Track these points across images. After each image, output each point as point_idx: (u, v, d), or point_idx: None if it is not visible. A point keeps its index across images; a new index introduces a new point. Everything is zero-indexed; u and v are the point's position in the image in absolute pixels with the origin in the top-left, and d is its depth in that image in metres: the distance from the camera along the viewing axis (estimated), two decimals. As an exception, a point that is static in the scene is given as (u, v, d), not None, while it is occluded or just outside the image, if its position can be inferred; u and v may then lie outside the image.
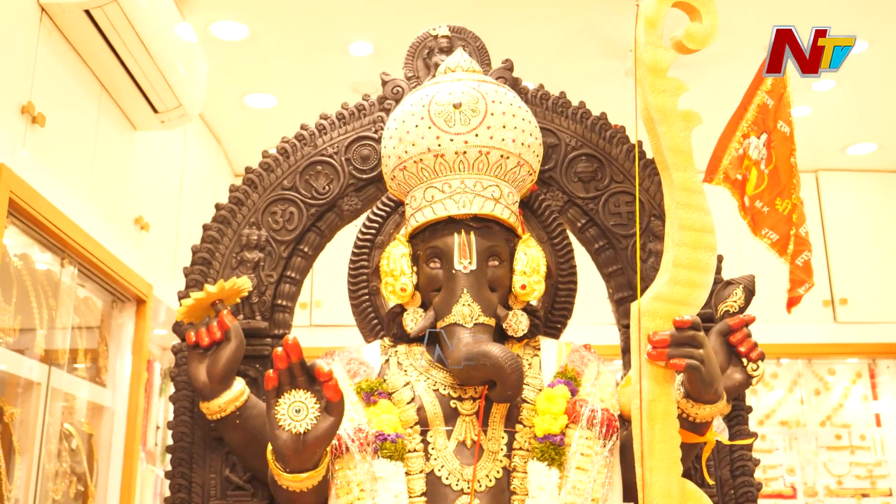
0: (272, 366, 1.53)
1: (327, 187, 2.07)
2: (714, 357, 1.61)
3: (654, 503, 1.50)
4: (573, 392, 1.76)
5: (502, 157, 1.83)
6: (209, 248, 2.03)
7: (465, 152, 1.81)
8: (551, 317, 2.05)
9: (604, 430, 1.70)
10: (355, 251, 2.06)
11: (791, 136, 2.45)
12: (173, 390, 1.97)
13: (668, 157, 1.68)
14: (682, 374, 1.61)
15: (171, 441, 1.95)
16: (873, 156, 5.68)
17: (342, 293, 2.09)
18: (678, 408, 1.61)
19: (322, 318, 5.17)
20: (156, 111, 3.68)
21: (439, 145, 1.81)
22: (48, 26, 3.00)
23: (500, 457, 1.74)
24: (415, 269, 1.88)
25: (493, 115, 1.83)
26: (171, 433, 1.95)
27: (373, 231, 2.07)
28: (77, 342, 3.19)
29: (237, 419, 1.77)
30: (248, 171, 2.09)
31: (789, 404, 5.18)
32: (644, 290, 1.63)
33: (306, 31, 4.38)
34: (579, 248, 2.09)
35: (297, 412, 1.52)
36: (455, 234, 1.81)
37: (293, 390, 1.53)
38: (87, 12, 3.05)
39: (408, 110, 1.88)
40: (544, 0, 4.19)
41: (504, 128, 1.83)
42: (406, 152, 1.85)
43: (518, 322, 1.84)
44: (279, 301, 2.03)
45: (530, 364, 1.85)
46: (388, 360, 1.86)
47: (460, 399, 1.78)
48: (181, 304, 1.85)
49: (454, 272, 1.79)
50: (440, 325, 1.78)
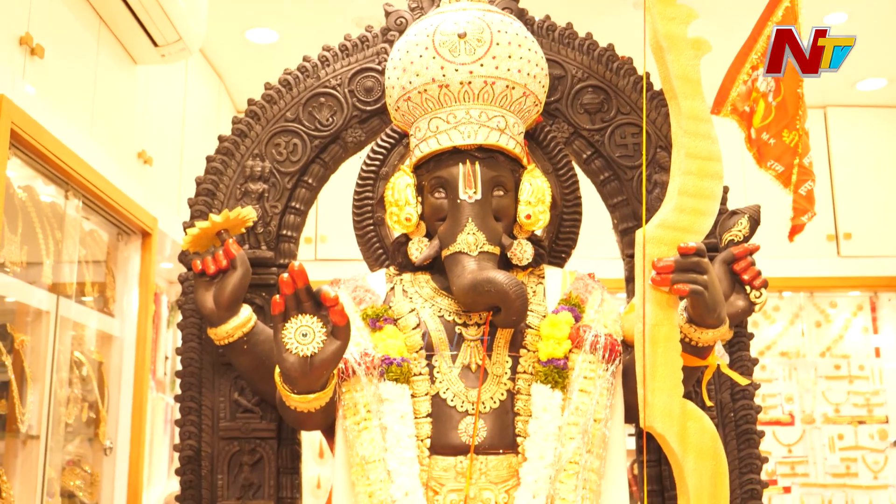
0: (278, 292, 1.54)
1: (331, 119, 2.06)
2: (717, 283, 1.62)
3: (655, 423, 1.52)
4: (577, 318, 1.78)
5: (508, 87, 1.82)
6: (213, 179, 2.03)
7: (469, 82, 1.80)
8: (556, 247, 2.06)
9: (607, 355, 1.73)
10: (360, 182, 2.06)
11: (800, 67, 2.43)
12: (181, 318, 2.00)
13: (676, 86, 1.67)
14: (685, 299, 1.62)
15: (180, 367, 1.98)
16: (883, 91, 5.62)
17: (347, 227, 2.10)
18: (681, 332, 1.62)
19: (327, 252, 5.18)
20: (156, 45, 3.63)
21: (444, 75, 1.80)
22: (46, -45, 2.95)
23: (504, 380, 1.77)
24: (419, 199, 1.88)
25: (498, 44, 1.81)
26: (179, 359, 1.98)
27: (377, 162, 2.06)
28: (84, 274, 3.22)
29: (244, 344, 1.80)
30: (250, 102, 2.08)
31: (790, 336, 5.24)
32: (649, 220, 1.63)
33: (308, -38, 4.30)
34: (584, 180, 2.09)
35: (303, 336, 1.54)
36: (460, 165, 1.81)
37: (300, 315, 1.55)
38: (86, -59, 2.99)
39: (412, 40, 1.86)
40: (551, -71, 4.10)
41: (510, 58, 1.81)
42: (410, 83, 1.83)
43: (523, 251, 1.85)
44: (284, 231, 2.04)
45: (534, 291, 1.86)
46: (393, 288, 1.88)
47: (465, 325, 1.80)
48: (186, 234, 1.86)
49: (459, 202, 1.80)
50: (445, 253, 1.79)
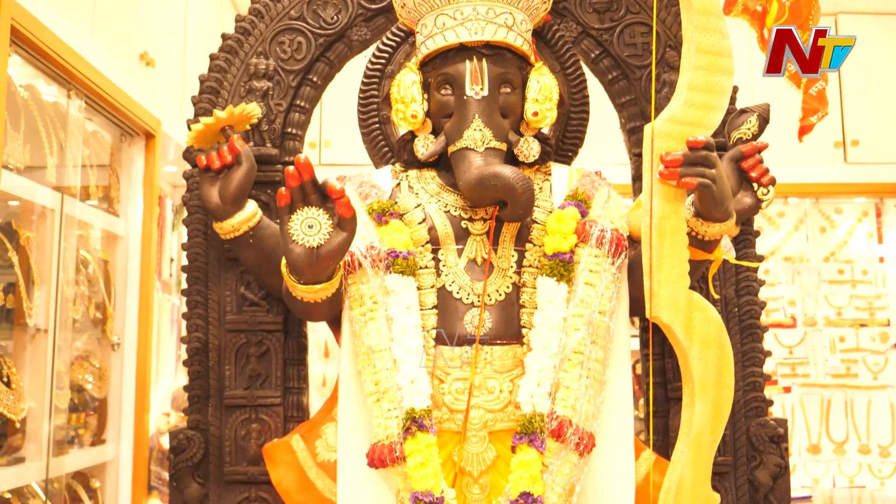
0: (284, 184, 1.54)
1: (335, 17, 2.04)
2: (725, 177, 1.62)
3: (661, 313, 1.54)
4: (583, 214, 1.78)
5: None
6: (217, 77, 2.02)
7: None
8: (562, 145, 2.05)
9: (612, 249, 1.73)
10: (365, 80, 2.04)
11: (815, -34, 2.38)
12: (186, 214, 2.00)
13: (688, -21, 1.63)
14: (692, 193, 1.62)
15: (186, 262, 1.99)
16: (895, -2, 5.50)
17: (350, 132, 2.09)
18: (687, 226, 1.63)
19: (331, 157, 5.15)
20: (158, -59, 3.55)
21: None
22: None
23: (509, 273, 1.79)
24: (426, 96, 1.86)
25: None
26: (185, 254, 1.99)
27: (383, 60, 2.04)
28: (89, 177, 3.21)
29: (250, 238, 1.80)
30: (254, 1, 2.05)
31: (794, 241, 5.26)
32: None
33: None
34: (591, 81, 2.07)
35: (309, 227, 1.54)
36: (467, 61, 1.79)
37: (306, 207, 1.55)
38: None
39: (418, -65, 1.81)
40: None
41: (518, -48, 1.77)
42: (416, -22, 1.80)
43: (529, 148, 1.84)
44: (289, 129, 2.04)
45: (541, 188, 1.86)
46: (399, 184, 1.88)
47: (471, 220, 1.80)
48: (191, 130, 1.85)
49: (466, 98, 1.78)
50: (451, 149, 1.78)
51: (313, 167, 1.54)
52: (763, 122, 1.90)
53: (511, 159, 1.84)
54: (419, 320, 1.71)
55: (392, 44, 2.05)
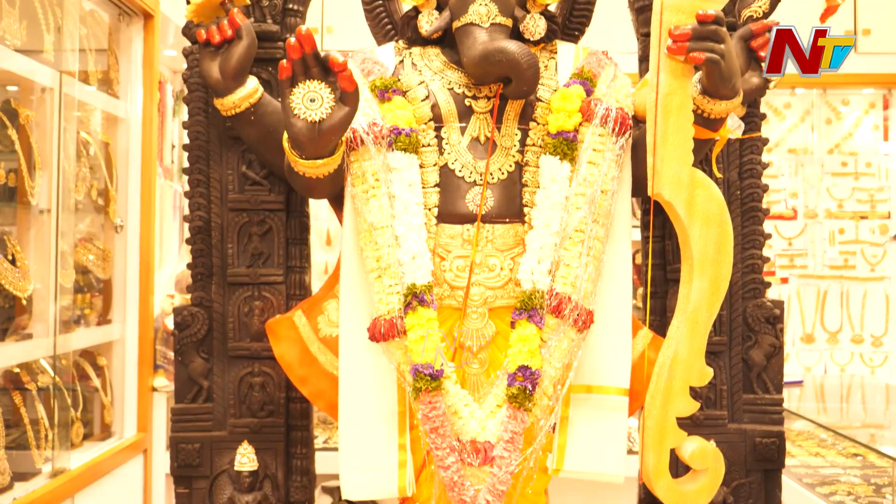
0: (286, 57, 1.52)
1: None
2: (734, 53, 1.59)
3: (663, 189, 1.54)
4: (588, 92, 1.75)
5: None
6: (216, -49, 1.95)
7: None
8: (569, 24, 2.01)
9: (617, 128, 1.72)
10: (369, -44, 1.98)
11: None
12: (187, 92, 1.98)
13: None
14: (699, 70, 1.60)
15: (187, 140, 1.98)
16: None
17: (353, 17, 2.03)
18: (693, 104, 1.61)
19: (333, 43, 5.05)
20: None
21: None
22: None
23: (512, 152, 1.78)
24: (430, -30, 1.81)
25: None
26: (186, 132, 1.97)
27: (387, -64, 1.98)
28: (87, 56, 3.16)
29: (252, 115, 1.79)
30: None
31: (799, 133, 5.20)
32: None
33: None
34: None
35: (311, 101, 1.53)
36: (472, -64, 1.73)
37: (307, 81, 1.53)
38: None
39: None
40: None
41: None
42: None
43: (535, 24, 1.81)
44: (290, 6, 1.99)
45: (546, 66, 1.83)
46: (402, 61, 1.85)
47: (475, 97, 1.78)
48: (190, 3, 1.81)
49: (471, -28, 1.73)
50: (456, 25, 1.74)
51: (315, 39, 1.51)
52: (774, 0, 1.86)
53: (517, 36, 1.80)
54: (421, 198, 1.71)
55: (396, -79, 1.98)
